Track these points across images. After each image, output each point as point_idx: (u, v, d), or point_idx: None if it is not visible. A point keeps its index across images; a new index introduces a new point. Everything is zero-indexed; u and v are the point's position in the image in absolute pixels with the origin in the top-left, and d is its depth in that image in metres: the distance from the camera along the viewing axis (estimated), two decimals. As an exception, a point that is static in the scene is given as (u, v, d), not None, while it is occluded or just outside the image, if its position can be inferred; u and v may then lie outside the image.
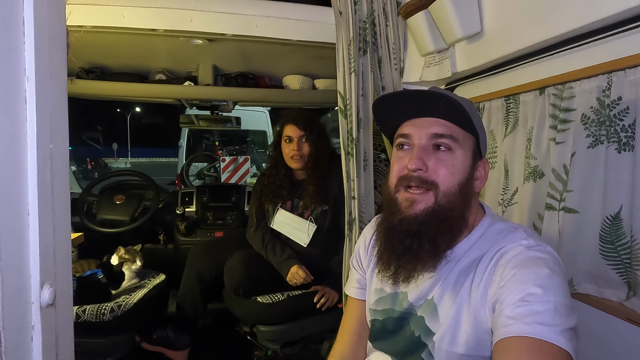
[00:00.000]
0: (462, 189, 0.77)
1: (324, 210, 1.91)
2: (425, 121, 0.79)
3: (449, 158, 0.77)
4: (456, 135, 0.77)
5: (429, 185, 0.76)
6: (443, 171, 0.76)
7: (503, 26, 1.20)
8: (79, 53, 1.96)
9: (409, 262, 0.78)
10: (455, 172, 0.76)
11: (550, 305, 0.62)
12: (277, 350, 1.88)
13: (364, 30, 1.52)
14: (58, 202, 0.59)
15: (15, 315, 0.53)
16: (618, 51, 0.91)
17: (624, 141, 0.91)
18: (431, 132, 0.77)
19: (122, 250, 2.10)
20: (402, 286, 0.86)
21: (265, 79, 2.41)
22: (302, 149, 1.90)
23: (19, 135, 0.52)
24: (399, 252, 0.78)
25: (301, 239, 1.91)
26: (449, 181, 0.76)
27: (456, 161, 0.77)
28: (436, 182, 0.76)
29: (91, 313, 1.76)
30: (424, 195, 0.76)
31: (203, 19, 1.55)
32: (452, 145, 0.77)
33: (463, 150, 0.78)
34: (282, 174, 1.98)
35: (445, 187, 0.76)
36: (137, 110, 25.07)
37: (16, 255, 0.53)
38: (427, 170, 0.76)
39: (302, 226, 1.92)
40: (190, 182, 4.76)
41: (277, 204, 1.98)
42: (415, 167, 0.76)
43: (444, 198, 0.76)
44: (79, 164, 14.48)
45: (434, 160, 0.77)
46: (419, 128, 0.79)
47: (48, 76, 0.56)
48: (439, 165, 0.76)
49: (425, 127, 0.78)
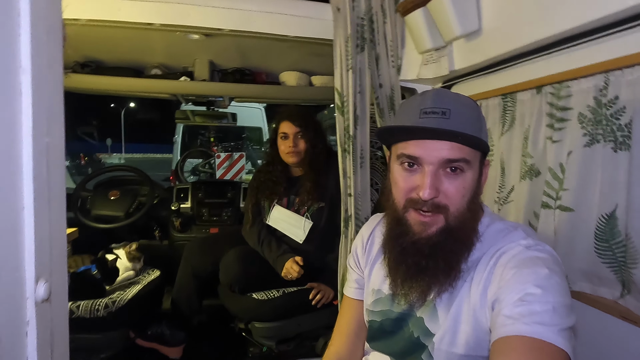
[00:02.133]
0: (471, 205, 0.76)
1: (320, 207, 1.91)
2: (436, 144, 0.73)
3: (460, 181, 0.74)
4: (468, 157, 0.74)
5: (440, 209, 0.74)
6: (454, 195, 0.74)
7: (501, 25, 1.20)
8: (74, 47, 1.94)
9: (425, 283, 0.77)
10: (466, 194, 0.75)
11: (549, 306, 0.62)
12: (272, 346, 1.88)
13: (361, 27, 1.51)
14: (54, 197, 0.58)
15: (10, 311, 0.52)
16: (615, 51, 0.91)
17: (620, 140, 0.92)
18: (444, 158, 0.73)
19: (134, 246, 2.09)
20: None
21: (262, 75, 2.40)
22: (298, 145, 1.90)
23: (15, 128, 0.52)
24: (414, 273, 0.77)
25: (297, 235, 1.91)
26: (459, 203, 0.75)
27: (466, 182, 0.75)
28: (447, 206, 0.74)
29: (85, 309, 1.75)
30: (435, 217, 0.75)
31: (200, 14, 1.54)
32: (465, 167, 0.74)
33: (473, 169, 0.76)
34: (278, 171, 1.98)
35: (456, 209, 0.75)
36: (131, 106, 24.90)
37: (11, 250, 0.52)
38: (438, 195, 0.74)
39: (298, 222, 1.91)
40: (185, 178, 4.74)
41: (273, 200, 1.98)
42: (430, 197, 0.73)
43: (454, 219, 0.75)
44: (73, 159, 14.37)
45: (445, 184, 0.74)
46: (429, 151, 0.73)
47: (44, 68, 0.55)
48: (450, 189, 0.74)
49: (437, 151, 0.73)
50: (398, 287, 0.81)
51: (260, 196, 2.01)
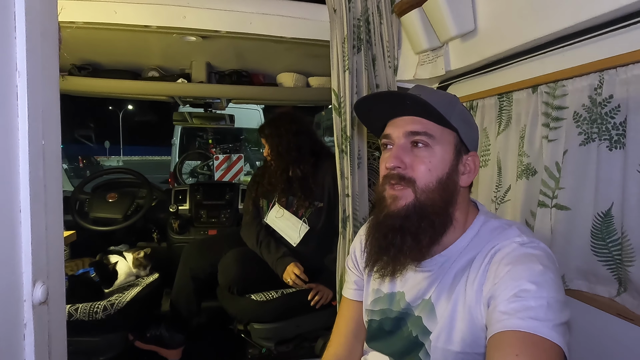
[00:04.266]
0: (442, 184, 0.78)
1: (319, 208, 1.92)
2: (402, 120, 0.81)
3: (426, 154, 0.78)
4: (432, 131, 0.78)
5: (407, 181, 0.78)
6: (420, 167, 0.78)
7: (496, 25, 1.21)
8: (70, 49, 1.94)
9: (393, 257, 0.80)
10: (433, 168, 0.78)
11: (543, 301, 0.63)
12: (271, 348, 1.88)
13: (358, 28, 1.52)
14: (50, 199, 0.58)
15: (8, 313, 0.52)
16: (609, 50, 0.92)
17: (615, 139, 0.92)
18: (407, 130, 0.79)
19: (143, 253, 2.09)
20: (398, 285, 0.87)
21: (259, 76, 2.41)
22: (271, 150, 1.97)
23: (11, 131, 0.52)
24: (383, 246, 0.81)
25: (292, 238, 1.92)
26: (427, 177, 0.77)
27: (433, 157, 0.78)
28: (414, 179, 0.78)
29: (84, 311, 1.75)
30: (404, 191, 0.78)
31: (196, 16, 1.54)
32: (428, 141, 0.78)
33: (442, 146, 0.79)
34: (273, 171, 2.00)
35: (423, 184, 0.77)
36: (129, 108, 24.87)
37: (8, 252, 0.52)
38: (405, 167, 0.78)
39: (295, 225, 1.92)
40: (184, 180, 4.74)
41: (272, 200, 1.99)
42: (392, 165, 0.78)
43: (423, 194, 0.77)
44: (71, 162, 14.33)
45: (411, 157, 0.79)
46: (397, 127, 0.81)
47: (40, 71, 0.55)
48: (416, 162, 0.78)
49: (402, 126, 0.80)
50: (371, 261, 0.84)
51: (259, 196, 2.03)
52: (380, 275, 0.84)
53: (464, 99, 1.45)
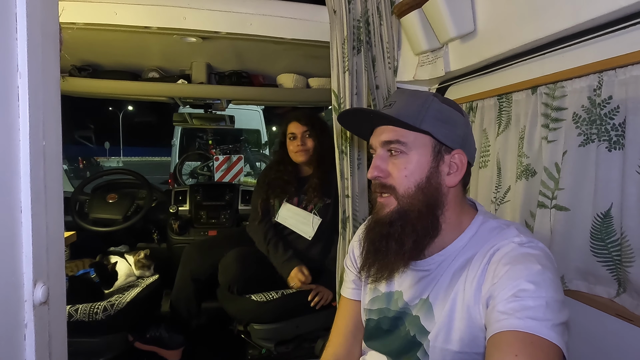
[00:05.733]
0: (422, 188, 0.79)
1: (327, 204, 1.94)
2: (380, 129, 0.84)
3: (401, 161, 0.80)
4: (404, 138, 0.79)
5: (389, 189, 0.81)
6: (397, 174, 0.80)
7: (496, 26, 1.21)
8: (71, 51, 1.94)
9: (379, 261, 0.82)
10: (410, 174, 0.79)
11: (541, 301, 0.63)
12: (271, 348, 1.88)
13: (357, 29, 1.52)
14: (51, 200, 0.59)
15: (8, 313, 0.52)
16: (608, 51, 0.92)
17: (614, 140, 0.93)
18: (382, 140, 0.82)
19: (143, 254, 2.09)
20: (396, 285, 0.88)
21: (259, 77, 2.41)
22: (305, 143, 1.96)
23: (12, 132, 0.52)
24: (371, 251, 0.84)
25: (306, 232, 1.94)
26: (405, 183, 0.79)
27: (409, 163, 0.79)
28: (393, 186, 0.80)
29: (84, 312, 1.75)
30: (388, 199, 0.81)
31: (197, 17, 1.54)
32: (402, 148, 0.80)
33: (417, 150, 0.80)
34: (288, 170, 2.02)
35: (402, 190, 0.79)
36: (129, 109, 24.89)
37: (9, 253, 0.52)
38: (385, 176, 0.81)
39: (307, 219, 1.94)
40: (184, 181, 4.74)
41: (284, 198, 2.00)
42: (371, 175, 0.82)
43: (403, 199, 0.80)
44: (71, 162, 14.35)
45: (389, 165, 0.81)
46: (375, 137, 0.84)
47: (41, 72, 0.55)
48: (393, 170, 0.80)
49: (378, 136, 0.83)
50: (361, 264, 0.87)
51: (270, 194, 2.03)
52: (373, 280, 0.87)
53: (464, 100, 1.45)
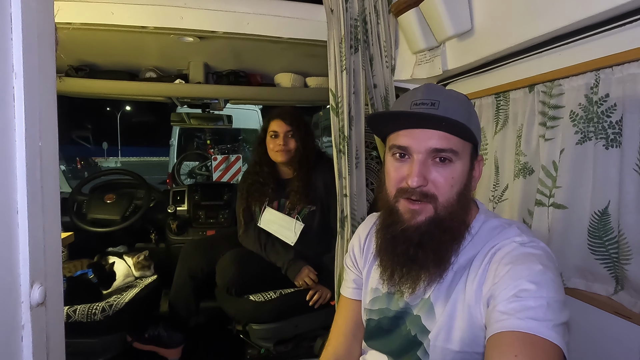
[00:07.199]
0: (461, 196, 0.77)
1: (312, 211, 1.91)
2: (424, 133, 0.75)
3: (449, 171, 0.75)
4: (456, 147, 0.75)
5: (429, 198, 0.75)
6: (442, 184, 0.75)
7: (493, 24, 1.21)
8: (68, 51, 1.94)
9: (415, 272, 0.78)
10: (455, 184, 0.76)
11: (542, 301, 0.63)
12: (270, 348, 1.88)
13: (355, 28, 1.52)
14: (48, 201, 0.58)
15: (5, 315, 0.52)
16: (605, 49, 0.92)
17: (611, 137, 0.93)
18: (431, 147, 0.74)
19: (142, 256, 2.09)
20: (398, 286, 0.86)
21: (257, 76, 2.40)
22: (287, 144, 1.88)
23: (8, 133, 0.52)
24: (402, 261, 0.78)
25: (288, 238, 1.90)
26: (449, 193, 0.75)
27: (455, 173, 0.76)
28: (436, 195, 0.75)
29: (82, 313, 1.74)
30: (423, 206, 0.76)
31: (194, 17, 1.54)
32: (452, 157, 0.75)
33: (462, 160, 0.76)
34: (265, 172, 1.96)
35: (445, 199, 0.75)
36: (127, 109, 24.86)
37: (5, 254, 0.52)
38: (427, 184, 0.75)
39: (289, 224, 1.91)
40: (182, 180, 4.73)
41: (263, 202, 1.96)
42: (417, 185, 0.74)
43: (443, 209, 0.75)
44: (69, 163, 14.32)
45: (433, 174, 0.75)
46: (417, 141, 0.75)
47: (37, 73, 0.55)
48: (439, 179, 0.75)
49: (425, 141, 0.75)
50: (387, 276, 0.82)
51: (250, 199, 1.99)
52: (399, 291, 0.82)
53: (461, 99, 1.45)
